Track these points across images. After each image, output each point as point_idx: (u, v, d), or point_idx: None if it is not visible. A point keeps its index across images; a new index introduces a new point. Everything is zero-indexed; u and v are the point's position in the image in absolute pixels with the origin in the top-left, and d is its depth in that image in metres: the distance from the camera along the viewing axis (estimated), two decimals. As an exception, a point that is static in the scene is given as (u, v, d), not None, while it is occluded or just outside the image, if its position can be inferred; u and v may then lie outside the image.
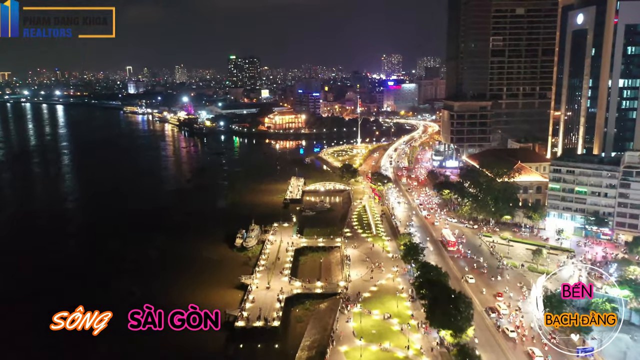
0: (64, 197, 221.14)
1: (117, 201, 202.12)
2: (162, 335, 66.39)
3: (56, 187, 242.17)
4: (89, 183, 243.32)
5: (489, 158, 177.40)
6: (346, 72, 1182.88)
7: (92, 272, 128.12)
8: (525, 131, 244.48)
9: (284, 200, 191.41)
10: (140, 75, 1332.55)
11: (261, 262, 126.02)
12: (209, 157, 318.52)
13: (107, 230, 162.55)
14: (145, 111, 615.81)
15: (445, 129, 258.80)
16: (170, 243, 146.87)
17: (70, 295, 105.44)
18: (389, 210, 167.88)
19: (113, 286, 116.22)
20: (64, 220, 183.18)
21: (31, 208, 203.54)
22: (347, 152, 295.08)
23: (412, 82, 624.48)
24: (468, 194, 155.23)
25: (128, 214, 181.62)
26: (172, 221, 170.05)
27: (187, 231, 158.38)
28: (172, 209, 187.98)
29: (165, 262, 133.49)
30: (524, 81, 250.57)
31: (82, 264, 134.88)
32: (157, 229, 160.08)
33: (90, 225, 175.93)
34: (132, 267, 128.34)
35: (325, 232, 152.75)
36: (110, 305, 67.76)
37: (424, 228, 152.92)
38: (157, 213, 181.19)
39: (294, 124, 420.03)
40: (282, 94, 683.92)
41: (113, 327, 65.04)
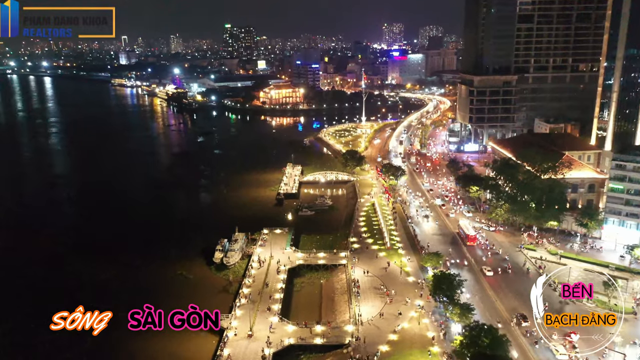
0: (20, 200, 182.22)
1: (77, 204, 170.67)
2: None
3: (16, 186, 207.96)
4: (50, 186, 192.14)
5: (525, 146, 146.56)
6: (346, 41, 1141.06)
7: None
8: (555, 110, 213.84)
9: (278, 196, 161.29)
10: (135, 46, 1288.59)
11: (244, 291, 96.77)
12: (197, 138, 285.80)
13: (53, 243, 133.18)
14: (133, 84, 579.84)
15: (462, 107, 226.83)
16: (130, 260, 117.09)
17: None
18: (403, 211, 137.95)
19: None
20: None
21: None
22: (350, 132, 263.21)
23: (415, 53, 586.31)
24: (504, 194, 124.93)
25: (91, 218, 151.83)
26: (140, 228, 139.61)
27: (155, 242, 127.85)
28: (142, 210, 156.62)
29: (120, 291, 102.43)
30: (554, 52, 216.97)
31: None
32: (121, 238, 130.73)
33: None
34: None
35: (326, 242, 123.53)
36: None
37: (440, 223, 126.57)
38: (124, 216, 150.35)
39: (291, 98, 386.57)
40: (279, 66, 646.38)
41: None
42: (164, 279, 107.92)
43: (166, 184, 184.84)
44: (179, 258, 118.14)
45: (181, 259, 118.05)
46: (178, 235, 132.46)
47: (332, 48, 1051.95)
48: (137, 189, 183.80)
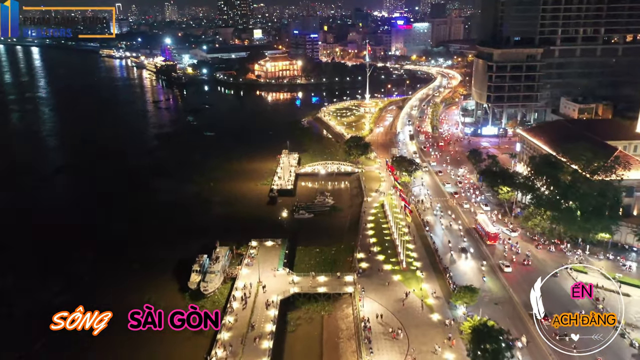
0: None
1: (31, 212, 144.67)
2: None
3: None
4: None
5: (563, 136, 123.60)
6: (346, 9, 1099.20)
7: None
8: (583, 87, 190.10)
9: (271, 193, 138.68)
10: (129, 14, 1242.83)
11: (223, 337, 75.43)
12: (186, 117, 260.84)
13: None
14: (122, 55, 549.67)
15: (479, 84, 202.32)
16: (87, 277, 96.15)
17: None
18: (419, 215, 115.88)
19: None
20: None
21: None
22: (353, 112, 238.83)
23: (417, 21, 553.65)
24: (544, 199, 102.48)
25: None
26: (101, 233, 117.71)
27: (119, 257, 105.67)
28: (105, 212, 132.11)
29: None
30: (585, 20, 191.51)
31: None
32: (84, 249, 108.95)
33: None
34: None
35: (328, 256, 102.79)
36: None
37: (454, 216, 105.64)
38: (91, 222, 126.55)
39: (288, 71, 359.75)
40: (276, 35, 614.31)
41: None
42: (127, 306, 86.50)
43: (141, 177, 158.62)
44: (146, 277, 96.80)
45: (150, 278, 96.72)
46: (149, 243, 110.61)
47: (332, 16, 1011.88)
48: (103, 184, 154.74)
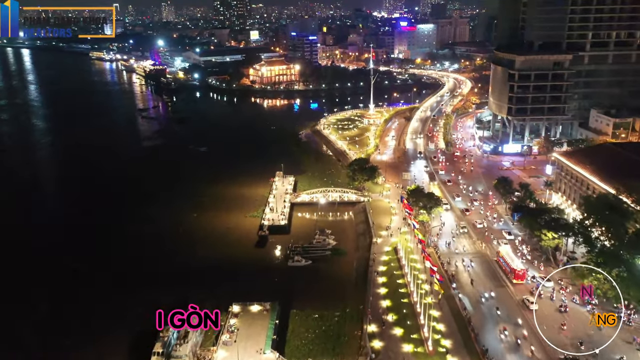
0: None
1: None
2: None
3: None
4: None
5: (614, 162, 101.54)
6: (345, 9, 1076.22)
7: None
8: (615, 98, 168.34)
9: (260, 230, 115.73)
10: (126, 14, 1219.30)
11: None
12: (174, 128, 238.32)
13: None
14: (113, 58, 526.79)
15: (497, 95, 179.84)
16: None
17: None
18: (442, 266, 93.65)
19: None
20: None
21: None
22: (356, 123, 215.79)
23: (419, 22, 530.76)
24: (607, 252, 79.99)
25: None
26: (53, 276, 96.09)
27: (72, 319, 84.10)
28: (70, 247, 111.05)
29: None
30: (618, 23, 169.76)
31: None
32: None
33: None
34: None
35: (330, 325, 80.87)
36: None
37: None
38: (42, 261, 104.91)
39: (285, 76, 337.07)
40: (273, 37, 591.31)
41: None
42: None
43: (115, 203, 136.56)
44: (98, 343, 75.55)
45: (104, 343, 75.66)
46: (108, 295, 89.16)
47: (331, 16, 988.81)
48: (70, 209, 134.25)
